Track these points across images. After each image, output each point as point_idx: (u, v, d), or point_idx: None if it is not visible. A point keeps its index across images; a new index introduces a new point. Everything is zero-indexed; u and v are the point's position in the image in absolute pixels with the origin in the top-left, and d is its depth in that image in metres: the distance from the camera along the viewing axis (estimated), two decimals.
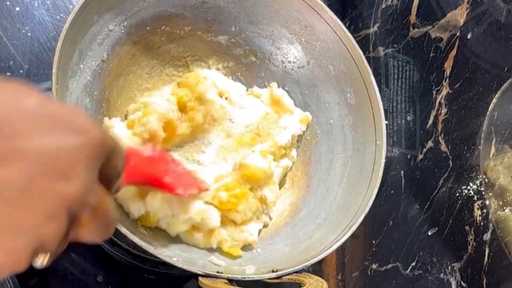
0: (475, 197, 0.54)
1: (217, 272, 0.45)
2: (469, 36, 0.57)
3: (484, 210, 0.52)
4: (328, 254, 0.49)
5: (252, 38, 0.62)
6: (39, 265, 0.24)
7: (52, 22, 0.60)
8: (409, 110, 0.67)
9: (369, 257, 0.69)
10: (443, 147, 0.59)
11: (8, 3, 0.58)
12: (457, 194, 0.56)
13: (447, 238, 0.57)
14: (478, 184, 0.54)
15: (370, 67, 0.57)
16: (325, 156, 0.61)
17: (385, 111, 0.58)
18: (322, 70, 0.61)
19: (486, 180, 0.53)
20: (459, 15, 0.58)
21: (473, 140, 0.55)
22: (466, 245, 0.54)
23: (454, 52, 0.59)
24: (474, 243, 0.53)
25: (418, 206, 0.62)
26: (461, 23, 0.58)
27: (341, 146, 0.60)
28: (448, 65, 0.59)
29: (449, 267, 0.56)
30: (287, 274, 0.47)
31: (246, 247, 0.54)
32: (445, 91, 0.60)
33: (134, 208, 0.50)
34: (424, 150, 0.63)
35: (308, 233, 0.55)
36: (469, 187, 0.55)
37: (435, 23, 0.62)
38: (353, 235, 0.50)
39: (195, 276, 0.44)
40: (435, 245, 0.58)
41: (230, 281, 0.45)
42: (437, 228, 0.58)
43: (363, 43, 0.74)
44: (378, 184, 0.53)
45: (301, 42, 0.61)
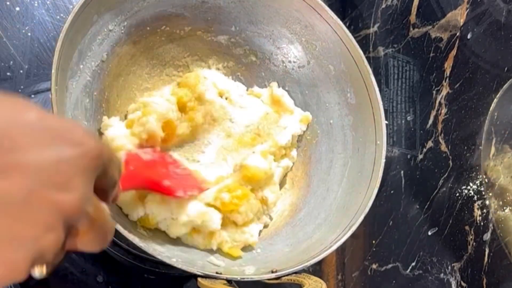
0: (475, 197, 0.54)
1: (216, 272, 0.45)
2: (469, 36, 0.57)
3: (484, 210, 0.52)
4: (328, 254, 0.49)
5: (252, 38, 0.62)
6: (38, 275, 0.24)
7: (52, 22, 0.60)
8: (409, 110, 0.67)
9: (369, 257, 0.69)
10: (443, 147, 0.59)
11: (8, 3, 0.58)
12: (457, 194, 0.56)
13: (447, 238, 0.57)
14: (478, 184, 0.54)
15: (370, 67, 0.57)
16: (325, 156, 0.61)
17: (385, 111, 0.58)
18: (323, 70, 0.61)
19: (486, 180, 0.53)
20: (459, 15, 0.58)
21: (473, 140, 0.55)
22: (466, 245, 0.54)
23: (454, 52, 0.59)
24: (474, 243, 0.53)
25: (418, 206, 0.62)
26: (461, 23, 0.58)
27: (341, 146, 0.60)
28: (448, 65, 0.59)
29: (449, 267, 0.56)
30: (286, 275, 0.47)
31: (246, 247, 0.54)
32: (445, 91, 0.60)
33: (133, 210, 0.50)
34: (424, 150, 0.63)
35: (308, 233, 0.55)
36: (469, 187, 0.55)
37: (435, 23, 0.62)
38: (353, 235, 0.50)
39: (194, 276, 0.44)
40: (435, 245, 0.58)
41: (229, 281, 0.45)
42: (437, 228, 0.58)
43: (363, 43, 0.74)
44: (378, 184, 0.53)
45: (301, 42, 0.61)
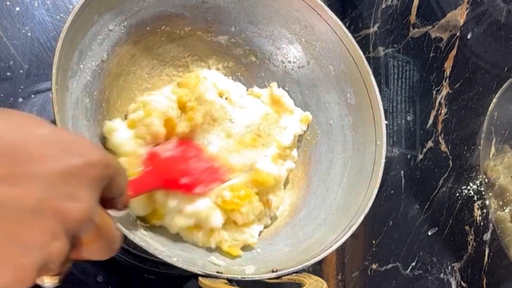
0: (475, 197, 0.54)
1: (217, 272, 0.45)
2: (469, 36, 0.57)
3: (484, 210, 0.52)
4: (328, 254, 0.49)
5: (252, 38, 0.62)
6: (51, 284, 0.26)
7: (52, 22, 0.60)
8: (409, 110, 0.67)
9: (369, 257, 0.69)
10: (443, 147, 0.59)
11: (8, 3, 0.58)
12: (457, 194, 0.56)
13: (447, 238, 0.57)
14: (478, 184, 0.54)
15: (370, 67, 0.57)
16: (325, 156, 0.61)
17: (385, 111, 0.58)
18: (322, 70, 0.61)
19: (486, 180, 0.53)
20: (459, 15, 0.58)
21: (473, 140, 0.55)
22: (466, 245, 0.54)
23: (454, 52, 0.59)
24: (474, 243, 0.53)
25: (418, 206, 0.62)
26: (461, 23, 0.58)
27: (341, 146, 0.60)
28: (448, 65, 0.59)
29: (449, 267, 0.56)
30: (287, 274, 0.47)
31: (246, 247, 0.54)
32: (445, 91, 0.60)
33: (140, 206, 0.50)
34: (424, 150, 0.63)
35: (308, 233, 0.55)
36: (469, 187, 0.55)
37: (435, 23, 0.62)
38: (353, 235, 0.50)
39: (195, 276, 0.44)
40: (435, 245, 0.58)
41: (230, 281, 0.45)
42: (437, 228, 0.58)
43: (363, 43, 0.74)
44: (378, 184, 0.53)
45: (301, 42, 0.61)
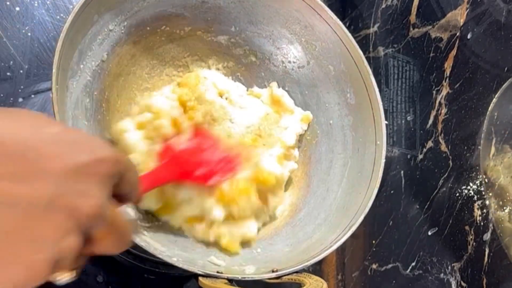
0: (475, 197, 0.54)
1: (217, 272, 0.45)
2: (469, 36, 0.57)
3: (484, 210, 0.52)
4: (328, 254, 0.49)
5: (252, 38, 0.62)
6: (68, 278, 0.26)
7: (52, 22, 0.60)
8: (409, 110, 0.67)
9: (369, 257, 0.69)
10: (443, 147, 0.59)
11: (8, 3, 0.58)
12: (457, 194, 0.56)
13: (447, 238, 0.57)
14: (478, 184, 0.54)
15: (370, 67, 0.57)
16: (325, 156, 0.61)
17: (385, 111, 0.58)
18: (322, 70, 0.61)
19: (486, 180, 0.53)
20: (459, 15, 0.58)
21: (473, 140, 0.55)
22: (466, 245, 0.54)
23: (454, 52, 0.59)
24: (474, 243, 0.53)
25: (418, 206, 0.62)
26: (461, 23, 0.58)
27: (341, 146, 0.60)
28: (448, 65, 0.59)
29: (449, 267, 0.56)
30: (287, 274, 0.47)
31: (245, 246, 0.54)
32: (445, 91, 0.60)
33: (152, 200, 0.51)
34: (424, 150, 0.63)
35: (308, 233, 0.55)
36: (469, 187, 0.55)
37: (435, 23, 0.62)
38: (353, 235, 0.50)
39: (195, 276, 0.44)
40: (435, 245, 0.58)
41: (230, 281, 0.45)
42: (437, 228, 0.58)
43: (363, 43, 0.74)
44: (378, 184, 0.53)
45: (301, 42, 0.61)
